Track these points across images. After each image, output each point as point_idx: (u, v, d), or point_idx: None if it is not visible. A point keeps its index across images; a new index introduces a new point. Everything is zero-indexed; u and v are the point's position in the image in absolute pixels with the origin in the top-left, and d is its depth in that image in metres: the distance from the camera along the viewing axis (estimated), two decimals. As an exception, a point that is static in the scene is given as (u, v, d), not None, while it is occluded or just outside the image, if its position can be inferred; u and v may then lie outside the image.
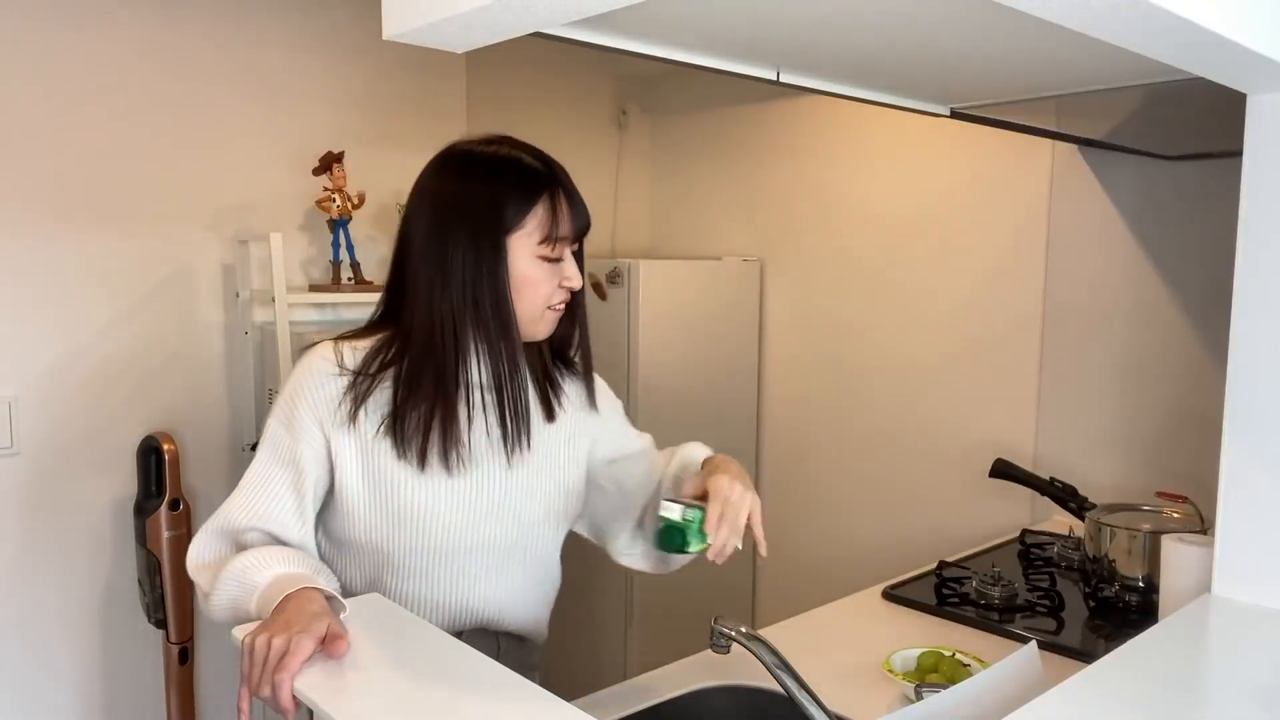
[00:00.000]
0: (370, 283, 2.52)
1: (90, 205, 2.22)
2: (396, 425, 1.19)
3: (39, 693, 2.23)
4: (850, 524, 2.80)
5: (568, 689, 1.37)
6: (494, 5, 0.82)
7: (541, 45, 1.06)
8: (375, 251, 2.69)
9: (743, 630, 1.11)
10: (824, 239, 2.83)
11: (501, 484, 1.26)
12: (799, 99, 2.87)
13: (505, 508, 1.26)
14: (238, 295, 2.44)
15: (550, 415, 1.30)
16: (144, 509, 2.24)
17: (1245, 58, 1.00)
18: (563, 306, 1.26)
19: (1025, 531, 2.16)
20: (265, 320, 2.47)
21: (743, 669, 1.43)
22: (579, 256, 1.27)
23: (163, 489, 2.23)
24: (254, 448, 2.54)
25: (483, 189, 1.19)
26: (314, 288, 2.48)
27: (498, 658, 1.07)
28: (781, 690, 1.09)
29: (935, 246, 2.56)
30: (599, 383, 1.39)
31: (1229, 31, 0.90)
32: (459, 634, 1.17)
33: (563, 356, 1.33)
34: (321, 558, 1.27)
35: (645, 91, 3.34)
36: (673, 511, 1.16)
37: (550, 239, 1.20)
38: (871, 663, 1.50)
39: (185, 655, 2.31)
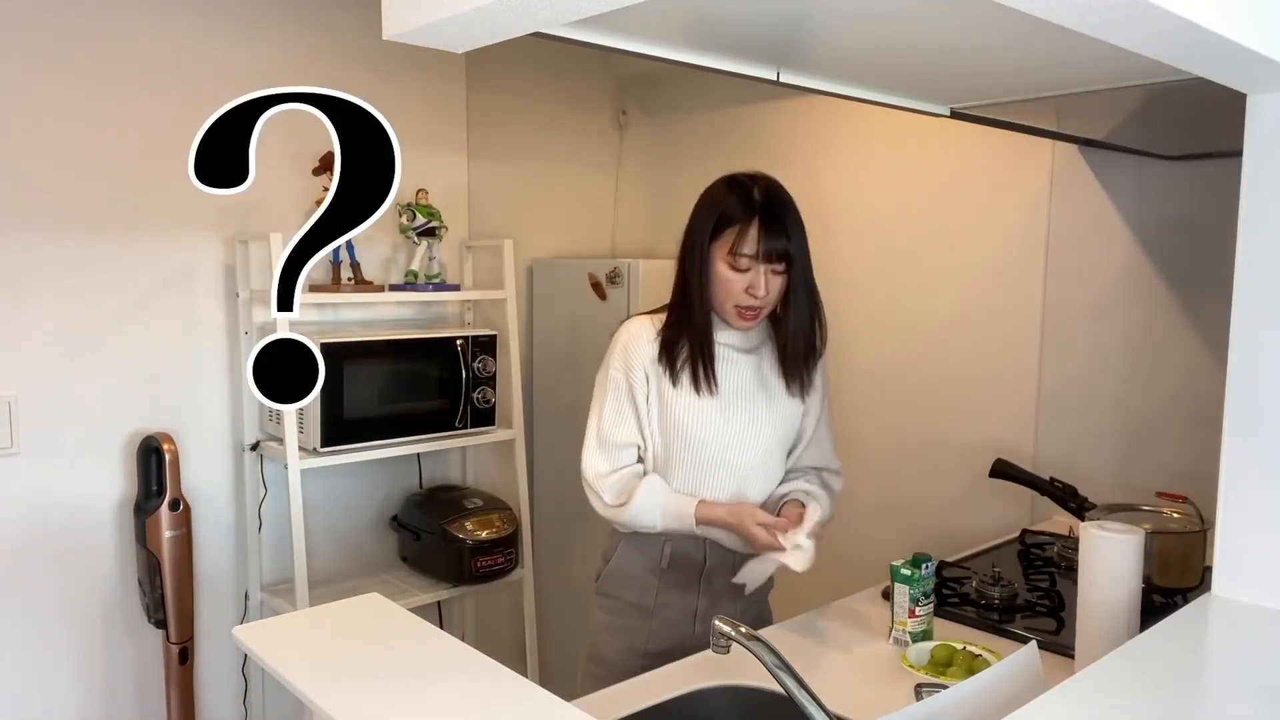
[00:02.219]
0: (370, 283, 2.53)
1: (90, 205, 2.22)
2: (670, 360, 1.66)
3: (39, 692, 2.23)
4: (850, 524, 2.80)
5: (568, 688, 1.38)
6: (494, 5, 0.82)
7: (541, 45, 1.06)
8: (375, 252, 2.69)
9: (743, 630, 1.11)
10: (824, 239, 2.82)
11: (714, 413, 1.68)
12: (799, 99, 2.87)
13: (720, 434, 1.68)
14: (238, 295, 2.44)
15: (788, 388, 1.73)
16: (144, 509, 2.24)
17: (1245, 58, 1.00)
18: (753, 312, 1.63)
19: (1025, 531, 2.16)
20: (265, 320, 2.48)
21: (743, 669, 1.43)
22: (794, 279, 1.65)
23: (163, 489, 2.23)
24: (254, 448, 2.55)
25: (711, 204, 1.65)
26: (314, 288, 2.48)
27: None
28: (781, 690, 1.09)
29: (935, 246, 2.56)
30: (817, 379, 1.78)
31: (1229, 31, 0.90)
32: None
33: (781, 352, 1.73)
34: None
35: (645, 92, 3.34)
36: None
37: (734, 253, 1.59)
38: (871, 663, 1.50)
39: (185, 655, 2.31)
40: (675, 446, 1.67)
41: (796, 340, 1.70)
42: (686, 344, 1.65)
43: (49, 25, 2.13)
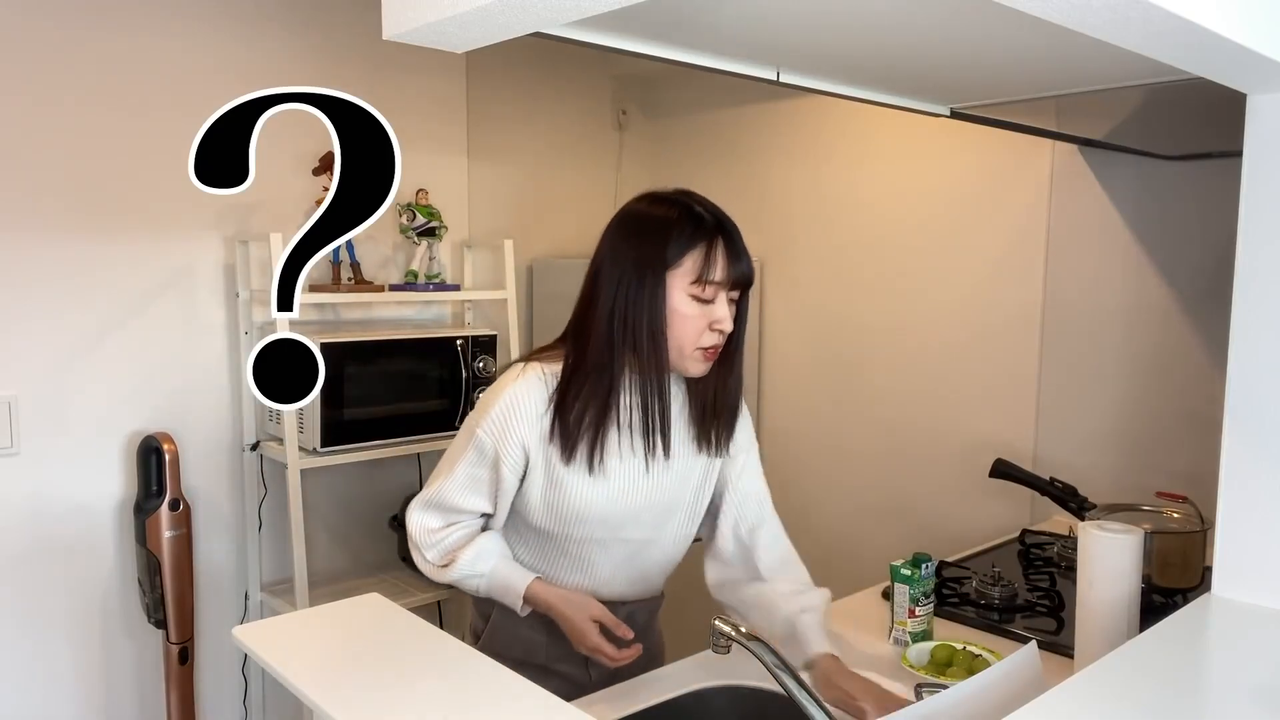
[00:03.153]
0: (370, 283, 2.53)
1: (91, 206, 2.22)
2: (565, 431, 1.37)
3: (39, 692, 2.23)
4: (850, 524, 2.80)
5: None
6: (494, 5, 0.82)
7: (541, 45, 1.06)
8: (375, 252, 2.69)
9: (743, 630, 1.11)
10: (824, 239, 2.83)
11: (641, 490, 1.44)
12: (799, 99, 2.87)
13: (647, 507, 1.45)
14: (238, 295, 2.44)
15: (701, 447, 1.48)
16: (144, 509, 2.24)
17: (1245, 58, 1.00)
18: (715, 352, 1.37)
19: (1025, 531, 2.16)
20: (265, 320, 2.48)
21: (743, 669, 1.43)
22: (741, 312, 1.39)
23: (163, 489, 2.23)
24: (254, 448, 2.55)
25: (655, 228, 1.35)
26: (314, 288, 2.48)
27: (626, 619, 1.43)
28: (781, 690, 1.09)
29: (935, 246, 2.56)
30: (742, 425, 1.53)
31: (1229, 31, 0.90)
32: (609, 603, 1.44)
33: (713, 404, 1.46)
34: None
35: (645, 92, 3.34)
36: None
37: (702, 280, 1.32)
38: (871, 663, 1.50)
39: (185, 655, 2.31)
40: (565, 524, 1.42)
41: (732, 389, 1.45)
42: (599, 411, 1.36)
43: (49, 28, 2.13)
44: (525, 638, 1.48)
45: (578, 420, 1.36)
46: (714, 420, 1.46)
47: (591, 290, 1.40)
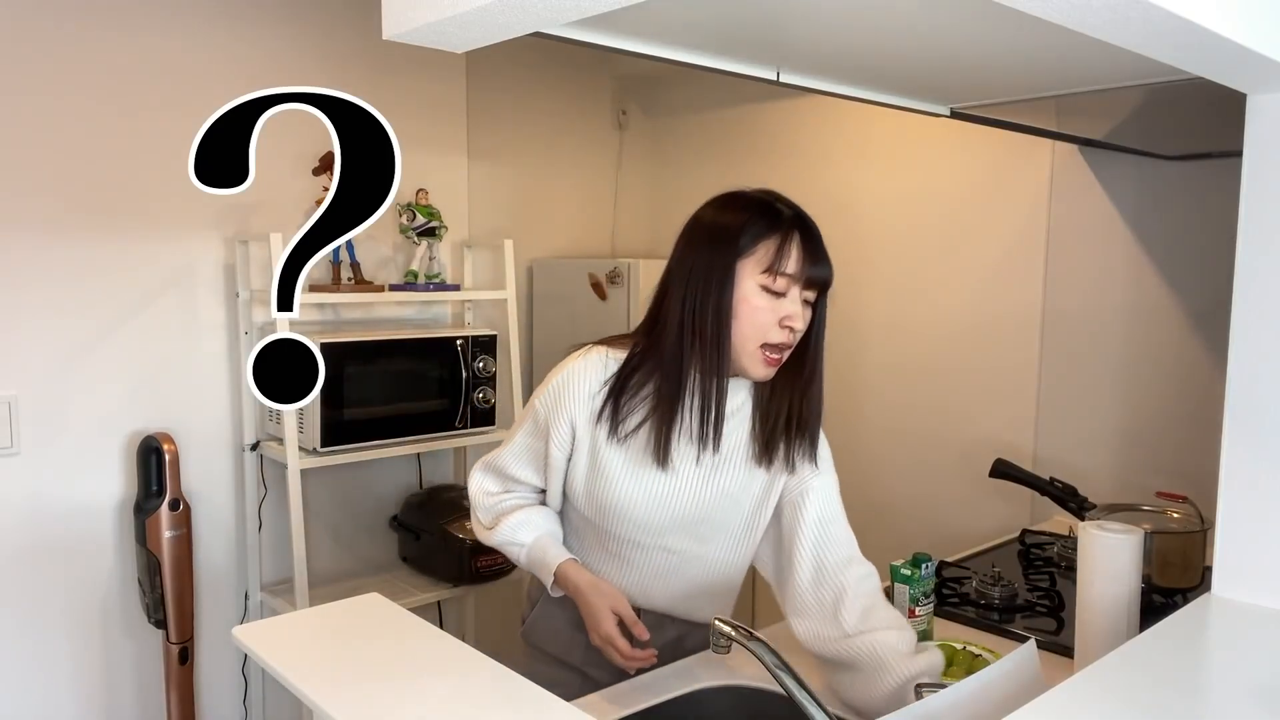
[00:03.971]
0: (370, 283, 2.53)
1: (90, 205, 2.22)
2: (615, 412, 1.36)
3: (39, 692, 2.23)
4: (850, 524, 2.79)
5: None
6: (494, 5, 0.82)
7: (541, 45, 1.06)
8: (375, 252, 2.69)
9: (743, 630, 1.10)
10: (824, 238, 2.82)
11: (692, 493, 1.39)
12: (799, 99, 2.87)
13: (691, 515, 1.40)
14: (238, 295, 2.44)
15: (762, 462, 1.40)
16: (144, 509, 2.24)
17: (1245, 58, 1.00)
18: (780, 356, 1.31)
19: (1025, 531, 2.16)
20: (265, 320, 2.48)
21: (743, 669, 1.43)
22: (820, 317, 1.34)
23: (163, 489, 2.23)
24: (254, 448, 2.55)
25: (732, 217, 1.31)
26: (314, 288, 2.48)
27: (674, 641, 1.46)
28: (781, 690, 1.09)
29: (935, 246, 2.56)
30: (822, 445, 1.43)
31: (1229, 31, 0.90)
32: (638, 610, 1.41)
33: (789, 415, 1.38)
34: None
35: (645, 92, 3.34)
36: None
37: (773, 270, 1.28)
38: (871, 663, 1.49)
39: (185, 655, 2.31)
40: (606, 517, 1.39)
41: (813, 399, 1.37)
42: (670, 404, 1.32)
43: (49, 27, 2.13)
44: (565, 635, 1.48)
45: (632, 405, 1.34)
46: (786, 433, 1.38)
47: (667, 280, 1.36)
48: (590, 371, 1.37)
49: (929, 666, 1.26)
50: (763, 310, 1.28)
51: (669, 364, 1.32)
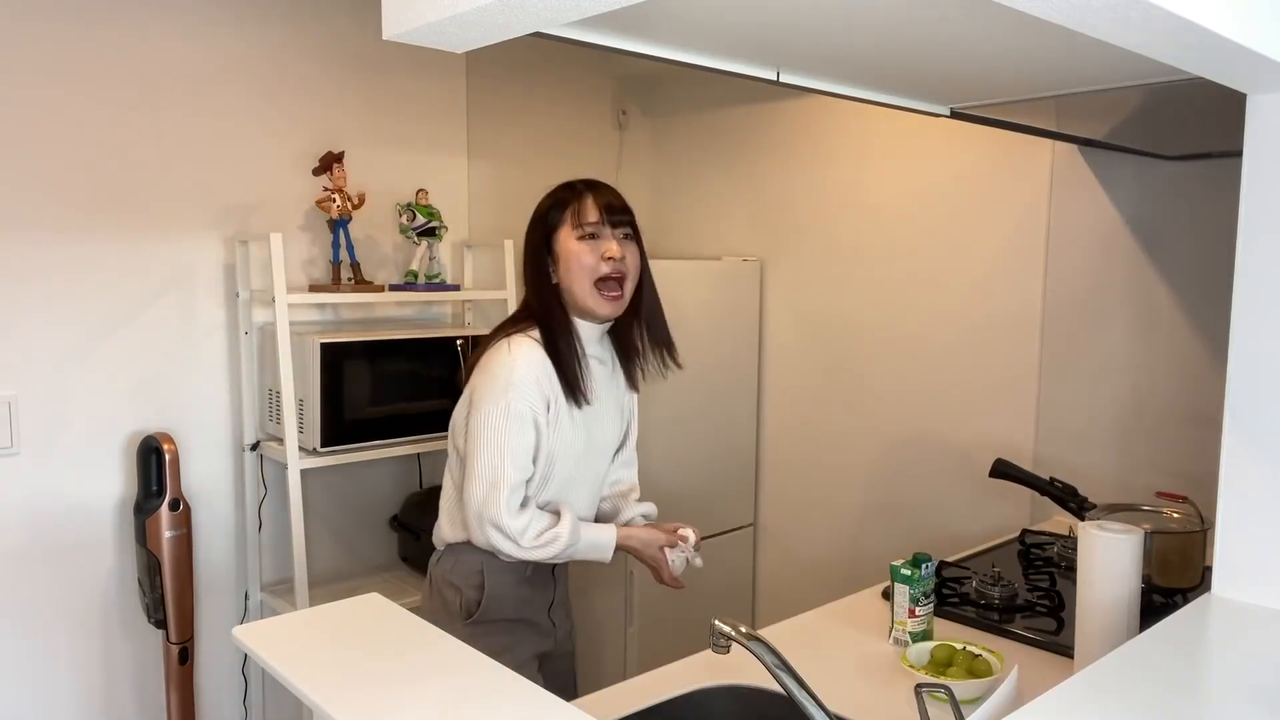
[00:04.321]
0: (370, 282, 2.53)
1: (90, 205, 2.22)
2: (566, 379, 1.66)
3: (40, 692, 2.23)
4: (850, 524, 2.80)
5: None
6: (494, 5, 0.82)
7: (541, 45, 1.07)
8: (375, 251, 2.70)
9: (743, 630, 1.11)
10: (824, 239, 2.83)
11: (602, 423, 1.75)
12: (799, 99, 2.87)
13: (599, 439, 1.75)
14: (238, 295, 2.44)
15: (629, 388, 1.83)
16: (144, 509, 2.24)
17: (1245, 58, 1.00)
18: (616, 289, 1.65)
19: (1025, 531, 2.16)
20: (265, 320, 2.48)
21: (743, 669, 1.43)
22: (637, 245, 1.71)
23: (163, 489, 2.23)
24: (254, 448, 2.55)
25: (542, 204, 1.72)
26: (314, 288, 2.48)
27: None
28: (781, 690, 1.09)
29: (935, 246, 2.56)
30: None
31: (1229, 31, 0.90)
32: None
33: (641, 346, 1.78)
34: None
35: (645, 92, 3.34)
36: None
37: (578, 224, 1.65)
38: (871, 663, 1.50)
39: (185, 655, 2.31)
40: (552, 464, 1.67)
41: (655, 326, 1.75)
42: (565, 356, 1.64)
43: (49, 27, 2.13)
44: (518, 595, 1.69)
45: (570, 366, 1.64)
46: (642, 354, 1.76)
47: (527, 266, 1.71)
48: (536, 355, 1.62)
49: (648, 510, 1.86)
50: (585, 253, 1.63)
51: (552, 327, 1.64)
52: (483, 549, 1.65)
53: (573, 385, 1.64)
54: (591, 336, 1.71)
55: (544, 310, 1.66)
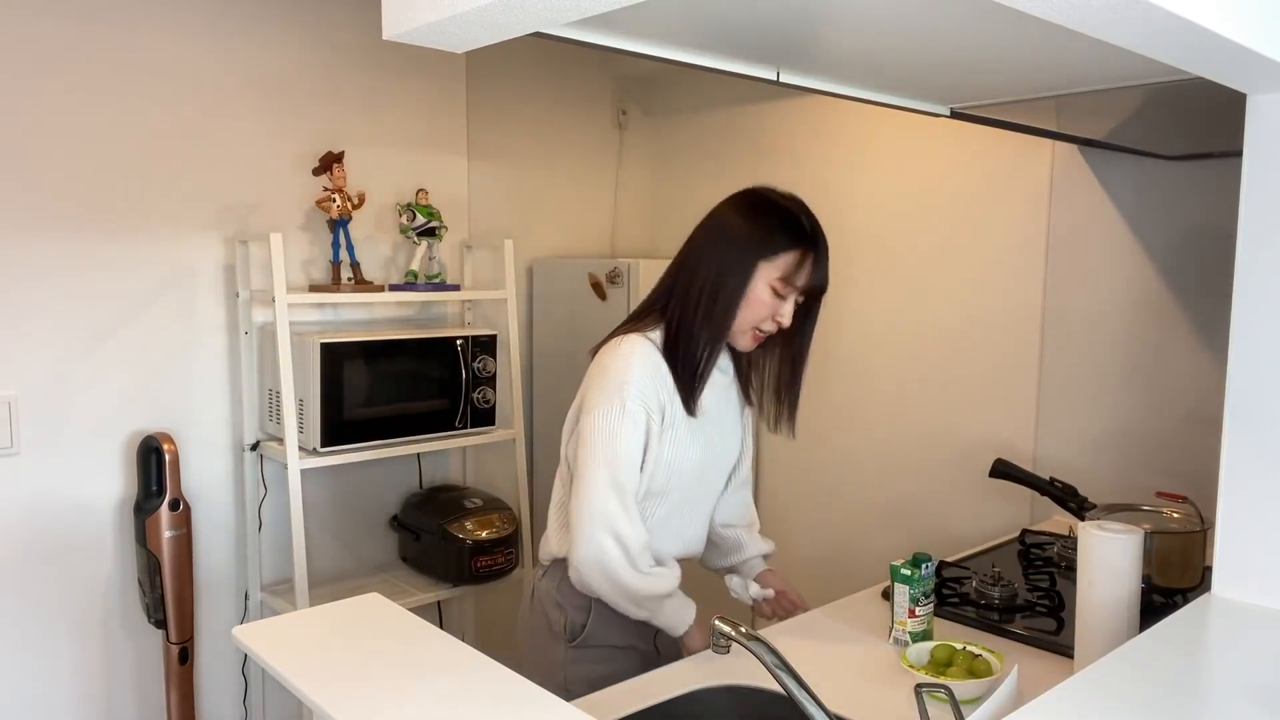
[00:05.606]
0: (370, 283, 2.53)
1: (91, 205, 2.22)
2: (682, 383, 1.54)
3: (40, 692, 2.23)
4: (850, 524, 2.80)
5: (568, 689, 1.37)
6: (494, 5, 0.82)
7: (541, 45, 1.07)
8: (375, 251, 2.70)
9: (743, 630, 1.10)
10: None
11: (712, 440, 1.63)
12: (799, 99, 2.87)
13: (713, 459, 1.64)
14: (238, 295, 2.44)
15: (742, 409, 1.71)
16: (144, 509, 2.24)
17: (1245, 58, 1.00)
18: (764, 336, 1.56)
19: (1025, 531, 2.16)
20: (265, 320, 2.48)
21: (743, 669, 1.43)
22: (814, 314, 1.61)
23: (163, 489, 2.23)
24: (254, 448, 2.55)
25: (765, 222, 1.53)
26: (314, 288, 2.49)
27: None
28: (781, 690, 1.09)
29: (935, 246, 2.56)
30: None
31: (1229, 31, 0.90)
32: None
33: (776, 382, 1.68)
34: None
35: (645, 92, 3.34)
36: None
37: (787, 281, 1.51)
38: (871, 663, 1.50)
39: (185, 655, 2.31)
40: (670, 478, 1.56)
41: (795, 370, 1.65)
42: (686, 359, 1.52)
43: (49, 27, 2.13)
44: (624, 621, 1.57)
45: (689, 374, 1.52)
46: (775, 392, 1.66)
47: (690, 260, 1.55)
48: (653, 357, 1.51)
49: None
50: (765, 306, 1.52)
51: (685, 334, 1.52)
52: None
53: (689, 391, 1.53)
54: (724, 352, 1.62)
55: (695, 318, 1.52)
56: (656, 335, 1.53)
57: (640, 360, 1.49)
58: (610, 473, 1.47)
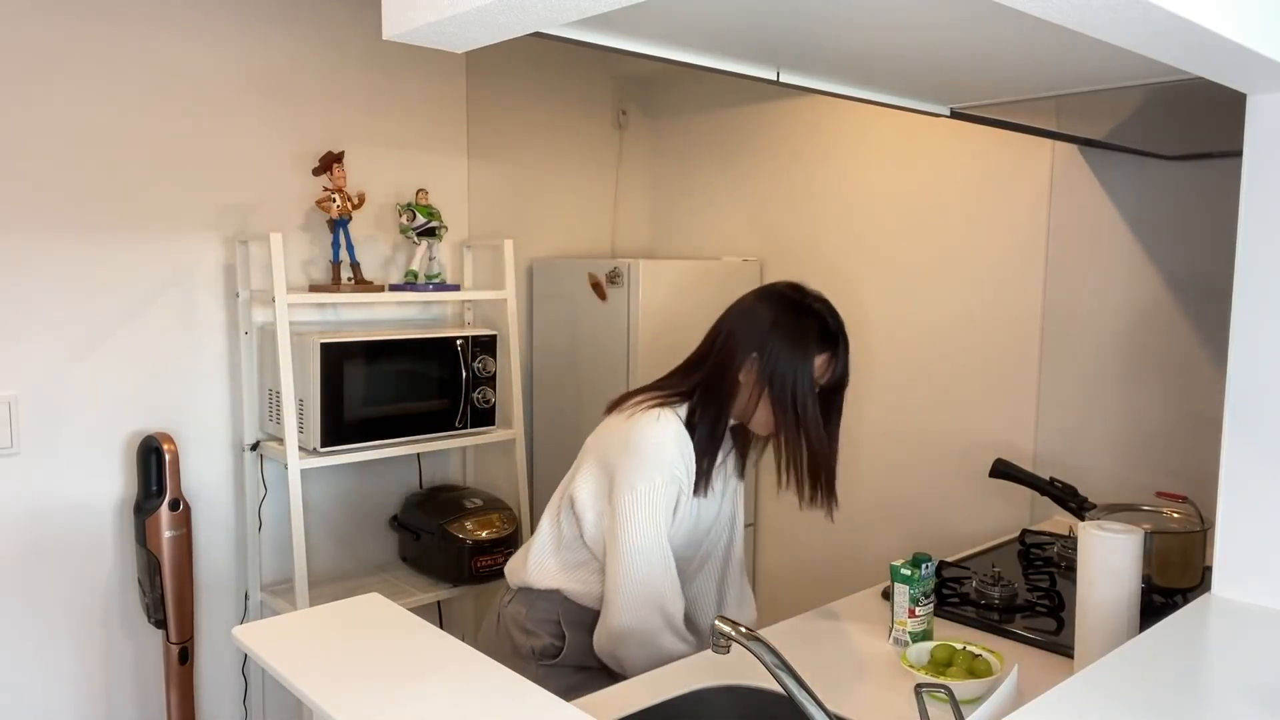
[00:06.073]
0: (370, 283, 2.53)
1: (91, 206, 2.22)
2: (700, 464, 1.62)
3: (40, 692, 2.23)
4: (850, 524, 2.80)
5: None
6: (494, 5, 0.82)
7: (541, 45, 1.07)
8: (375, 251, 2.70)
9: (743, 630, 1.11)
10: (824, 239, 2.83)
11: (715, 511, 1.72)
12: (799, 99, 2.87)
13: (712, 529, 1.74)
14: (238, 295, 2.44)
15: (740, 475, 1.78)
16: (144, 509, 2.24)
17: (1245, 58, 1.00)
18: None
19: (1025, 531, 2.16)
20: (265, 320, 2.48)
21: (743, 669, 1.43)
22: (834, 407, 1.65)
23: (163, 489, 2.23)
24: (254, 448, 2.55)
25: (809, 321, 1.59)
26: (314, 288, 2.48)
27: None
28: (781, 690, 1.09)
29: (935, 246, 2.56)
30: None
31: (1229, 31, 0.90)
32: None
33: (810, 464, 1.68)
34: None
35: (645, 92, 3.34)
36: None
37: (821, 379, 1.59)
38: (871, 663, 1.50)
39: (185, 655, 2.31)
40: (688, 547, 1.67)
41: (830, 455, 1.66)
42: (708, 445, 1.60)
43: (49, 26, 2.13)
44: (588, 644, 1.65)
45: (707, 454, 1.60)
46: (812, 474, 1.65)
47: (731, 347, 1.62)
48: (683, 434, 1.58)
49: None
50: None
51: (712, 420, 1.60)
52: (562, 599, 1.65)
53: (706, 474, 1.61)
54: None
55: (716, 397, 1.61)
56: (683, 412, 1.61)
57: (674, 437, 1.57)
58: (656, 543, 1.55)
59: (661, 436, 1.56)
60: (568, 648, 1.65)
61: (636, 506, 1.54)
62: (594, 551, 1.63)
